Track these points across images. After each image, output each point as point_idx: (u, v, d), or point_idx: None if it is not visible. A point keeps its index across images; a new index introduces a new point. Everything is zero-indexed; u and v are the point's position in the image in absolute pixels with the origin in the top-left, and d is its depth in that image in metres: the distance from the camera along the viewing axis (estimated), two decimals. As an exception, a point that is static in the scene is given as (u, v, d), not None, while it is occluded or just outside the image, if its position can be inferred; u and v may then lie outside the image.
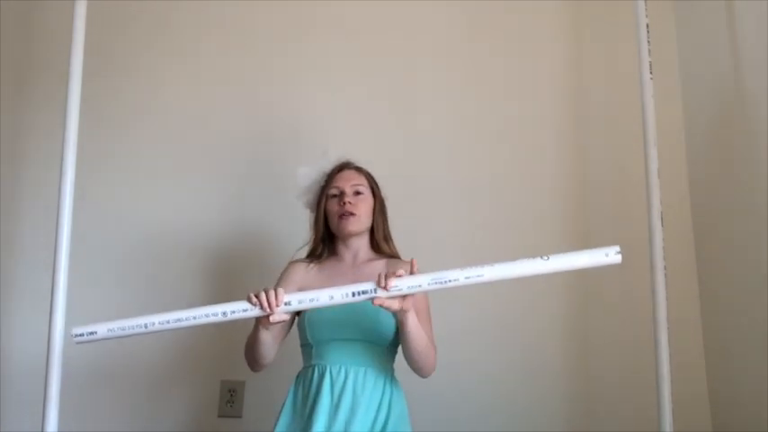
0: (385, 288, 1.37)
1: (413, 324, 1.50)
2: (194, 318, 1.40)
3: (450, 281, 1.39)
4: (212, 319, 1.41)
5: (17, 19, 2.32)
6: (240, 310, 1.41)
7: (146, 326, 1.42)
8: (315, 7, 2.37)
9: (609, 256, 1.37)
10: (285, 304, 1.42)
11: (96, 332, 1.42)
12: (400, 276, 1.39)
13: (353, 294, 1.39)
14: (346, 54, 2.36)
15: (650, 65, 1.94)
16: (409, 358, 1.58)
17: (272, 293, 1.41)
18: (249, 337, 1.60)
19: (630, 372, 2.10)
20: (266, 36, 2.36)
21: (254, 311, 1.41)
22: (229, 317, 1.41)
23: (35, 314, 2.02)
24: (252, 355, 1.61)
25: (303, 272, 1.70)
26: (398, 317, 1.49)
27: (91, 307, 2.11)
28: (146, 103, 2.30)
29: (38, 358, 1.76)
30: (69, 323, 1.73)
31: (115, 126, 2.27)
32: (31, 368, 1.96)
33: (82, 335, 1.42)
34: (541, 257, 1.40)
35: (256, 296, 1.41)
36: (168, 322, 1.42)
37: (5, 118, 2.25)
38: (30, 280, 2.14)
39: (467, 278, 1.38)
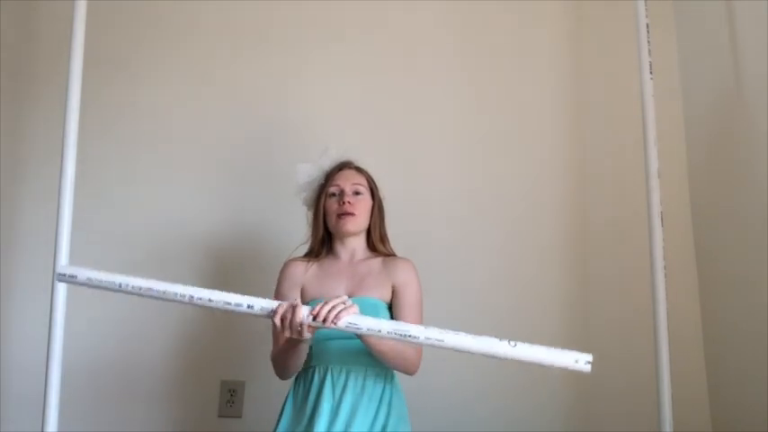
0: (324, 321, 1.36)
1: (372, 346, 1.50)
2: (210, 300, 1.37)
3: (409, 336, 1.34)
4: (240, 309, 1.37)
5: (17, 19, 2.32)
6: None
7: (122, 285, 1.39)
8: (315, 7, 2.37)
9: (578, 362, 1.29)
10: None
11: (76, 276, 1.41)
12: (355, 313, 1.39)
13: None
14: (346, 55, 2.36)
15: (650, 65, 1.94)
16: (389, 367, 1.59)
17: (296, 322, 1.37)
18: (280, 351, 1.56)
19: (630, 372, 2.10)
20: (267, 36, 2.36)
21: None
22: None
23: (35, 315, 2.02)
24: (288, 363, 1.57)
25: (302, 271, 1.70)
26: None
27: (90, 307, 2.11)
28: (146, 103, 2.30)
29: (38, 356, 1.76)
30: (69, 322, 1.74)
31: (115, 125, 2.27)
32: (30, 367, 1.96)
33: (65, 275, 1.43)
34: (509, 342, 1.31)
35: (282, 320, 1.37)
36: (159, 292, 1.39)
37: (5, 118, 2.25)
38: (29, 280, 2.14)
39: (427, 339, 1.33)
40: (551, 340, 2.13)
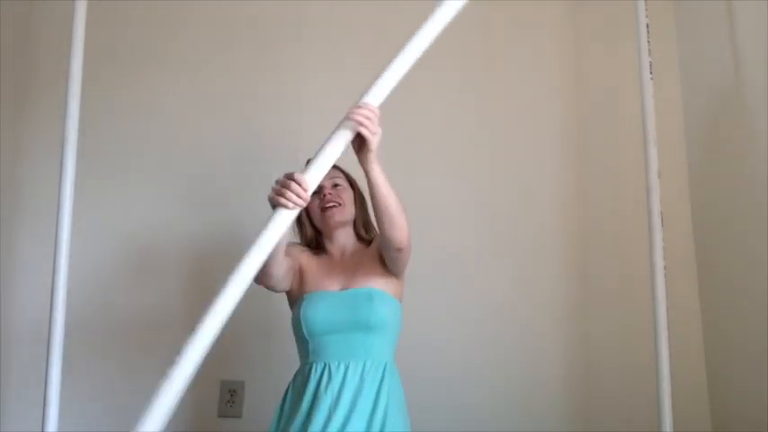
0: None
1: (379, 177, 1.51)
2: None
3: None
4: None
5: (17, 19, 2.32)
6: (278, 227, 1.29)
7: None
8: (313, 8, 2.37)
9: None
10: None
11: None
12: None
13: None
14: (342, 58, 2.35)
15: (650, 65, 1.95)
16: (379, 217, 1.55)
17: (295, 186, 1.34)
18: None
19: (630, 371, 2.10)
20: (264, 37, 2.36)
21: (291, 214, 1.33)
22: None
23: (35, 317, 2.02)
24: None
25: (300, 251, 1.70)
26: (364, 166, 1.50)
27: (90, 308, 2.12)
28: (145, 104, 2.30)
29: (38, 357, 1.77)
30: (69, 319, 1.74)
31: (115, 126, 2.27)
32: (31, 369, 1.96)
33: None
34: None
35: (284, 196, 1.33)
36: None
37: (5, 118, 2.25)
38: (29, 280, 2.15)
39: None
40: (551, 340, 2.16)
